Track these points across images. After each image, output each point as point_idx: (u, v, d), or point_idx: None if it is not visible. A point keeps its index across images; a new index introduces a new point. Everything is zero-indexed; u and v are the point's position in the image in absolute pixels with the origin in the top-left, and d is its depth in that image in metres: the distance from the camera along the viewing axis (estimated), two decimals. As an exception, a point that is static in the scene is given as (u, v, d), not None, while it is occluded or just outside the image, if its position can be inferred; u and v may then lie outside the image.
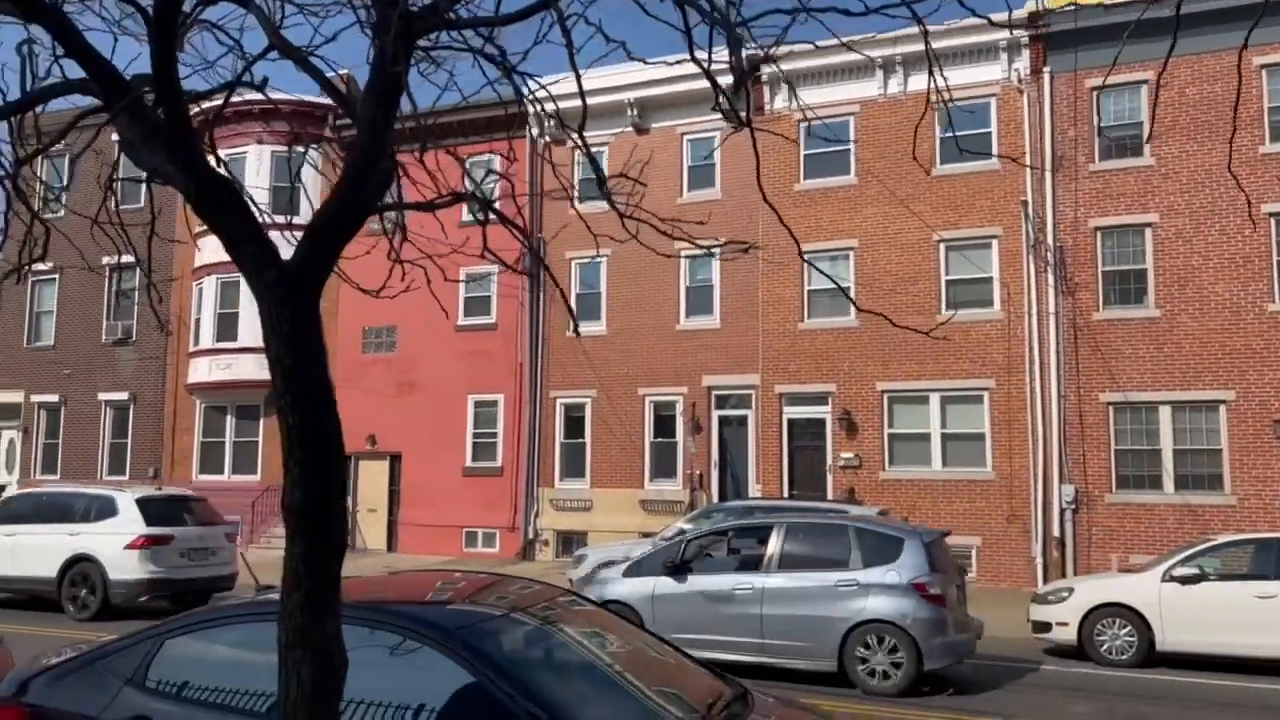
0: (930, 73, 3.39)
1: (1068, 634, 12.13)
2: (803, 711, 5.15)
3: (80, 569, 14.53)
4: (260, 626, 4.51)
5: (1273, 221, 17.94)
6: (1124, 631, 11.80)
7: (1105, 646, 11.84)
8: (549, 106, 3.92)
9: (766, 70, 18.43)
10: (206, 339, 25.91)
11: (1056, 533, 18.58)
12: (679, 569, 11.14)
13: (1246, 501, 17.50)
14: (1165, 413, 18.29)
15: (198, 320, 26.04)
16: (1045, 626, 12.44)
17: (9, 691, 4.65)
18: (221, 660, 4.56)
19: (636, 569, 11.57)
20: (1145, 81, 18.77)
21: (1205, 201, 18.36)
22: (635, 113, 22.58)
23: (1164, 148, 18.66)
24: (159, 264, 3.99)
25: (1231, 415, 17.80)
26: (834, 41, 3.71)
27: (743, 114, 3.42)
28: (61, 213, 3.95)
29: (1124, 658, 11.70)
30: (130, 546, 14.34)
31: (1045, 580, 17.61)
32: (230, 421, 26.35)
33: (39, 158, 3.65)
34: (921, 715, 9.13)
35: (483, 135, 20.53)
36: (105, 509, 14.85)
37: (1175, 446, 18.15)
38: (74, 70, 3.22)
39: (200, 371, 26.04)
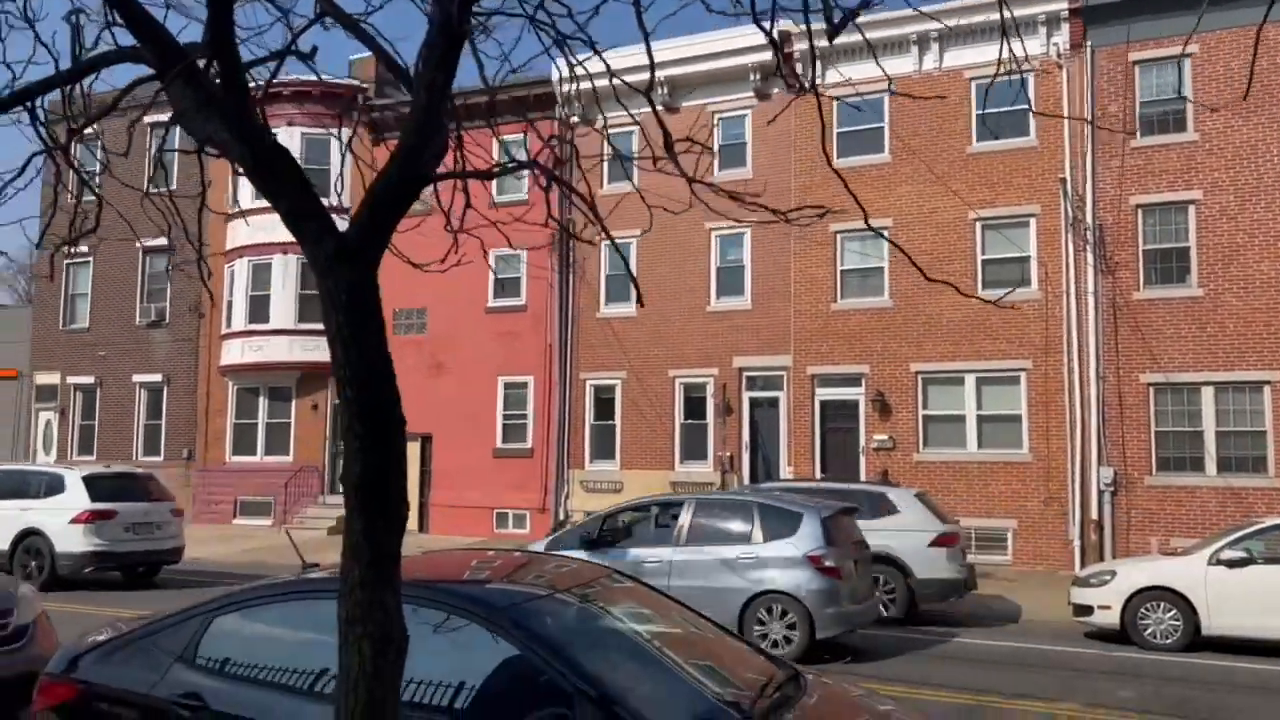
0: (1004, 36, 3.25)
1: (1110, 617, 11.95)
2: (843, 688, 5.12)
3: (30, 542, 15.37)
4: (307, 604, 4.53)
5: (1321, 198, 17.52)
6: (1169, 615, 11.61)
7: (1149, 630, 11.66)
8: (599, 82, 3.82)
9: (800, 47, 18.13)
10: (239, 321, 26.07)
11: (1095, 515, 18.33)
12: (595, 543, 11.44)
13: (1291, 484, 17.17)
14: (1208, 394, 17.94)
15: (230, 302, 26.22)
16: (1087, 610, 12.27)
17: (60, 668, 4.68)
18: (269, 638, 4.56)
19: (556, 544, 11.82)
20: (1190, 55, 18.32)
21: (1250, 178, 17.93)
22: (665, 91, 22.37)
23: (1208, 123, 18.22)
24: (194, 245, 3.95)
25: (1277, 396, 17.44)
26: (909, 12, 3.58)
27: (803, 82, 3.32)
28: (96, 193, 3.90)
29: (1168, 642, 11.52)
30: (75, 521, 15.14)
31: (1083, 563, 17.40)
32: (263, 403, 26.56)
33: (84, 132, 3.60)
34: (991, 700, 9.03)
35: (514, 115, 20.40)
36: (54, 486, 15.73)
37: (1218, 428, 17.81)
38: (125, 39, 3.16)
39: (233, 353, 26.24)
